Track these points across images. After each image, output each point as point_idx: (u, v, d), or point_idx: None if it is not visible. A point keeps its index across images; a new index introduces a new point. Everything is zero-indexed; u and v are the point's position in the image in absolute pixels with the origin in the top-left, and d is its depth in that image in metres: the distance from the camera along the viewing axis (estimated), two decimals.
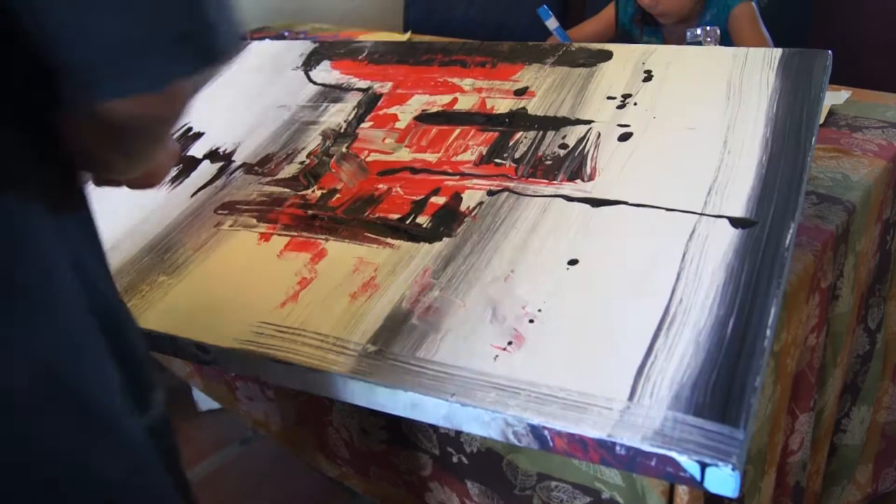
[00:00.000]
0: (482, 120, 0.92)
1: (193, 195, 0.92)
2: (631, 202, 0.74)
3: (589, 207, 0.75)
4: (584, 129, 0.86)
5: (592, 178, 0.78)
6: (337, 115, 1.01)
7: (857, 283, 1.00)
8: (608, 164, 0.80)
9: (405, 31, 2.15)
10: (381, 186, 0.84)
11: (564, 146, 0.84)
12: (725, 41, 1.66)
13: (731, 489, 0.50)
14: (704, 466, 0.50)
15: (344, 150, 0.93)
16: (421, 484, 0.98)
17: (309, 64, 1.15)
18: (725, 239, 0.67)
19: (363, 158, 0.90)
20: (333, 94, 1.06)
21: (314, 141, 0.96)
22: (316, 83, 1.10)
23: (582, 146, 0.83)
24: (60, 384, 0.44)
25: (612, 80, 0.93)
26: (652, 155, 0.79)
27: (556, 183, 0.79)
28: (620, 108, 0.87)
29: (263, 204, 0.87)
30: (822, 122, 1.16)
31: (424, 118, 0.95)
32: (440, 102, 0.97)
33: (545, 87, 0.95)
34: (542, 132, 0.87)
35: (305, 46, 1.20)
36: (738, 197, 0.71)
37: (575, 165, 0.81)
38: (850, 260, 0.97)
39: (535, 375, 0.59)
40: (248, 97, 1.11)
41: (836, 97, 1.25)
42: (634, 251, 0.68)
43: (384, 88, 1.04)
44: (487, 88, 0.97)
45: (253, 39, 1.78)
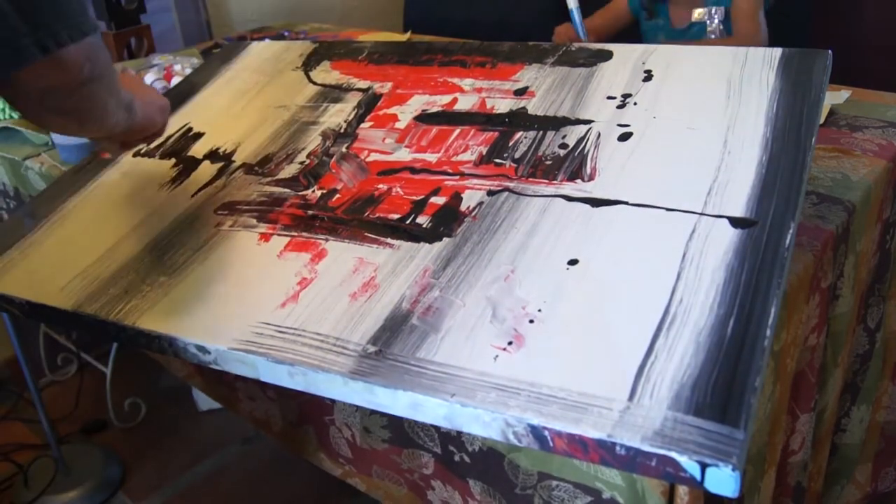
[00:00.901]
0: (482, 120, 0.92)
1: (193, 195, 0.92)
2: (631, 202, 0.74)
3: (589, 207, 0.75)
4: (584, 128, 0.86)
5: (592, 178, 0.78)
6: (337, 115, 1.01)
7: (857, 282, 1.00)
8: (608, 163, 0.80)
9: (405, 31, 2.15)
10: (381, 186, 0.84)
11: (564, 146, 0.84)
12: (730, 21, 1.68)
13: (731, 489, 0.50)
14: (704, 467, 0.50)
15: (344, 150, 0.93)
16: (423, 482, 0.98)
17: (309, 64, 1.15)
18: (725, 239, 0.67)
19: (363, 158, 0.90)
20: (333, 94, 1.06)
21: (314, 141, 0.96)
22: (316, 83, 1.10)
23: (582, 146, 0.83)
24: None
25: (612, 79, 0.93)
26: (652, 155, 0.79)
27: (556, 183, 0.79)
28: (620, 107, 0.87)
29: (263, 204, 0.87)
30: (822, 121, 1.16)
31: (424, 118, 0.95)
32: (440, 102, 0.97)
33: (545, 86, 0.95)
34: (542, 132, 0.87)
35: (305, 47, 1.20)
36: (738, 197, 0.71)
37: (575, 165, 0.81)
38: (850, 260, 0.97)
39: (535, 376, 0.59)
40: (247, 97, 1.11)
41: (836, 97, 1.26)
42: (634, 251, 0.68)
43: (384, 88, 1.04)
44: (487, 88, 0.97)
45: (253, 39, 1.78)
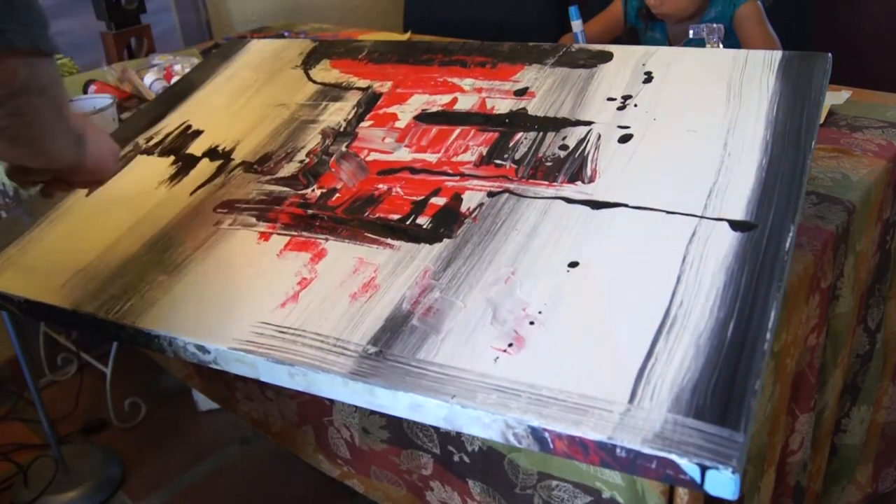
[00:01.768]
0: (482, 120, 0.91)
1: (192, 193, 0.91)
2: (631, 204, 0.74)
3: (589, 209, 0.74)
4: (584, 130, 0.86)
5: (593, 179, 0.78)
6: (336, 113, 1.01)
7: (857, 283, 1.00)
8: (608, 165, 0.79)
9: (405, 31, 2.15)
10: (381, 186, 0.84)
11: (565, 147, 0.84)
12: (729, 38, 1.66)
13: (730, 492, 0.50)
14: (704, 469, 0.50)
15: (343, 149, 0.93)
16: (422, 483, 0.98)
17: (308, 62, 1.15)
18: (725, 242, 0.67)
19: (363, 158, 0.90)
20: (333, 92, 1.06)
21: (314, 140, 0.96)
22: (315, 82, 1.10)
23: (582, 147, 0.83)
24: None
25: (612, 81, 0.93)
26: (652, 157, 0.79)
27: (556, 184, 0.79)
28: (621, 109, 0.87)
29: (263, 203, 0.86)
30: (822, 122, 1.16)
31: (424, 118, 0.95)
32: (440, 102, 0.97)
33: (545, 87, 0.95)
34: (542, 133, 0.87)
35: (305, 45, 1.20)
36: (738, 200, 0.71)
37: (575, 167, 0.81)
38: (850, 260, 0.97)
39: (535, 377, 0.59)
40: (247, 95, 1.11)
41: (836, 97, 1.25)
42: (635, 254, 0.68)
43: (384, 88, 1.03)
44: (487, 88, 0.97)
45: (253, 39, 1.78)
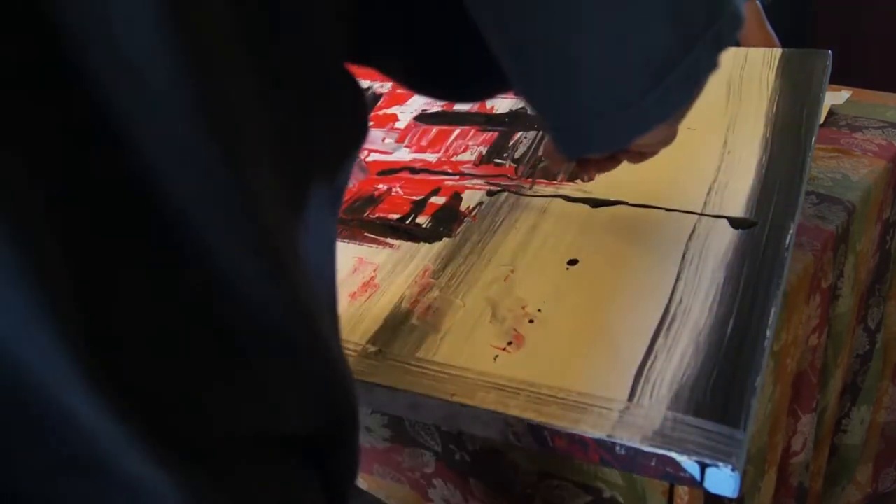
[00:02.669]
0: (482, 120, 0.92)
1: None
2: (631, 202, 0.74)
3: (589, 207, 0.75)
4: None
5: (592, 178, 0.78)
6: None
7: (857, 283, 0.99)
8: None
9: None
10: (380, 186, 0.84)
11: None
12: None
13: (731, 489, 0.50)
14: (704, 467, 0.50)
15: None
16: (425, 480, 0.98)
17: None
18: (725, 239, 0.67)
19: (363, 158, 0.90)
20: None
21: None
22: None
23: None
24: None
25: None
26: None
27: (555, 183, 0.79)
28: None
29: None
30: (822, 122, 1.16)
31: (424, 118, 0.95)
32: (440, 102, 0.97)
33: None
34: (542, 132, 0.87)
35: None
36: (737, 197, 0.71)
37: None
38: (850, 260, 0.96)
39: (534, 376, 0.59)
40: None
41: (836, 97, 1.25)
42: (634, 251, 0.68)
43: (384, 88, 1.04)
44: None
45: None
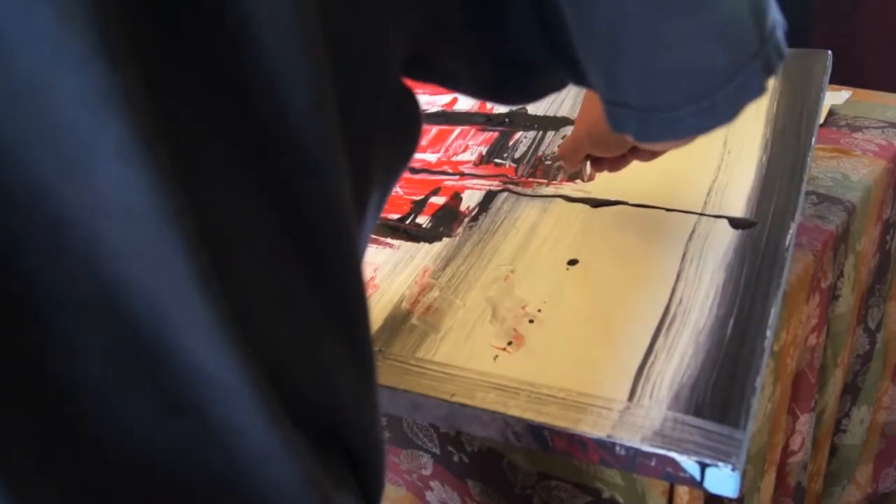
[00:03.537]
0: (482, 120, 0.92)
1: None
2: (631, 202, 0.74)
3: (589, 207, 0.75)
4: None
5: (592, 178, 0.78)
6: None
7: (857, 283, 0.99)
8: None
9: None
10: None
11: None
12: None
13: (730, 489, 0.50)
14: (704, 467, 0.50)
15: None
16: (422, 483, 0.98)
17: None
18: (725, 239, 0.67)
19: None
20: None
21: None
22: None
23: None
24: None
25: None
26: None
27: (556, 183, 0.79)
28: None
29: None
30: (822, 122, 1.16)
31: (424, 118, 0.95)
32: (440, 102, 0.97)
33: None
34: (541, 132, 0.87)
35: None
36: (737, 197, 0.71)
37: None
38: (850, 260, 0.96)
39: (534, 376, 0.59)
40: None
41: (836, 97, 1.25)
42: (634, 251, 0.68)
43: None
44: None
45: None
